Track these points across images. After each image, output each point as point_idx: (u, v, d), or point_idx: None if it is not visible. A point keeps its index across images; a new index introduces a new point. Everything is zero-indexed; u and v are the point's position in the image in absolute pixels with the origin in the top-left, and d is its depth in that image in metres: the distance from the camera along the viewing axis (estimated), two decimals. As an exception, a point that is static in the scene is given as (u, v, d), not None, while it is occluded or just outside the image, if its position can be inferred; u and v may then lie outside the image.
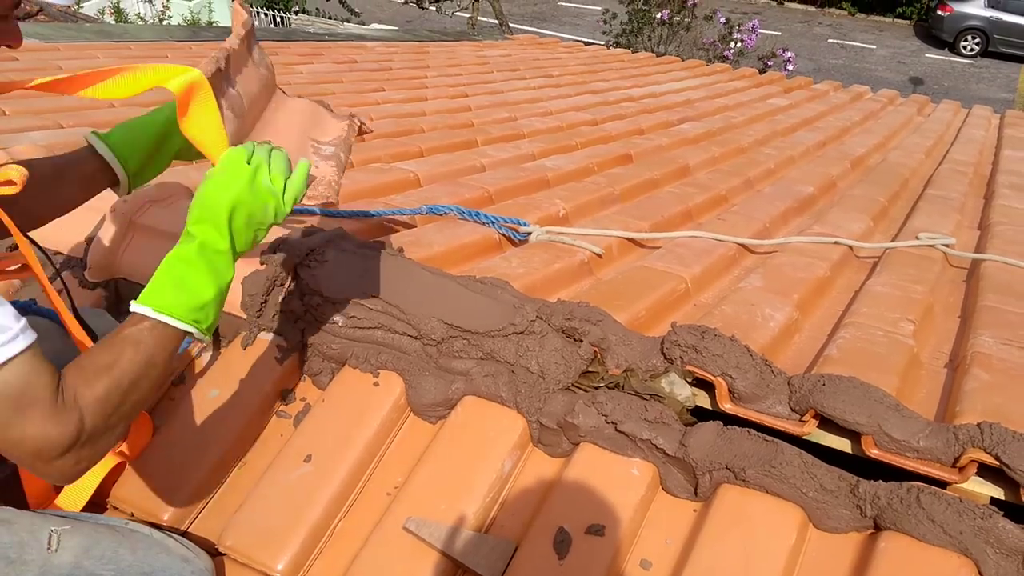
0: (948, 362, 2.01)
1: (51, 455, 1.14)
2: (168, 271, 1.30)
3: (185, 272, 1.29)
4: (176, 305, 1.27)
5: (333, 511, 1.64)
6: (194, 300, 1.29)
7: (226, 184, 1.32)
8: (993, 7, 21.63)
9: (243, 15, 1.63)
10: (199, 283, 1.29)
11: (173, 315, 1.27)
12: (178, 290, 1.28)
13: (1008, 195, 3.76)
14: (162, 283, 1.29)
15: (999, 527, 1.36)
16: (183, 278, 1.29)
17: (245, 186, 1.32)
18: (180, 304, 1.28)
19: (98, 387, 1.20)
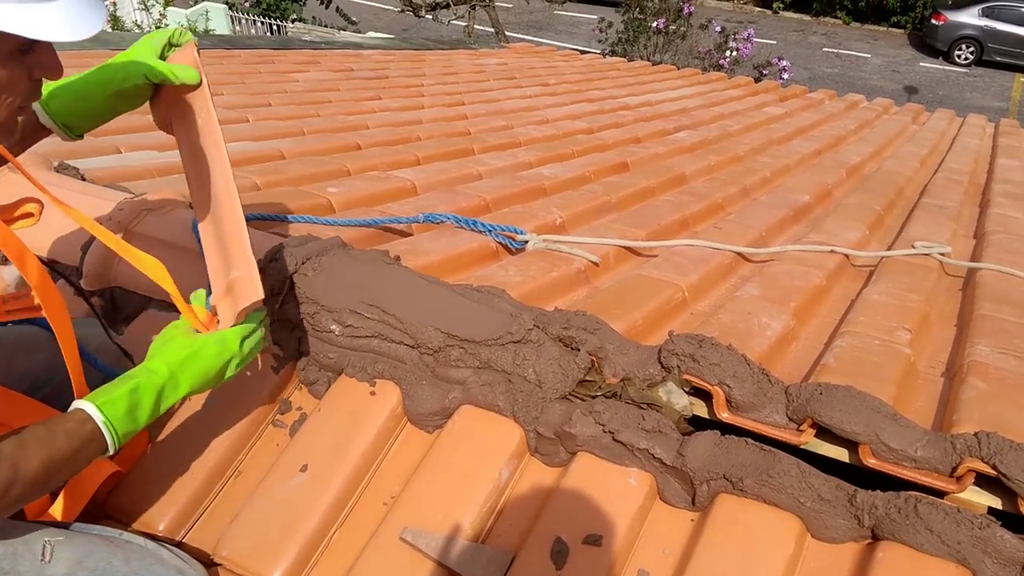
0: (945, 371, 2.01)
1: None
2: (129, 393, 1.36)
3: (142, 401, 1.38)
4: (120, 425, 1.35)
5: (329, 521, 1.64)
6: (133, 428, 1.38)
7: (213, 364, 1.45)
8: (987, 16, 21.73)
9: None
10: (145, 416, 1.39)
11: (113, 432, 1.33)
12: (129, 415, 1.36)
13: (1003, 204, 3.77)
14: (119, 400, 1.35)
15: (997, 537, 1.36)
16: (137, 405, 1.37)
17: (226, 365, 1.48)
18: (123, 427, 1.35)
19: (32, 463, 1.22)
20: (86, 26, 1.18)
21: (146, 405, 1.39)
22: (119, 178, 2.62)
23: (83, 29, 1.18)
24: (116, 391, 1.36)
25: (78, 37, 1.17)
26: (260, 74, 5.53)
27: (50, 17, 1.14)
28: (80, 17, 1.18)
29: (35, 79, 1.28)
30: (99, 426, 1.31)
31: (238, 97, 4.58)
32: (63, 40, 1.16)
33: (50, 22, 1.13)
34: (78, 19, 1.17)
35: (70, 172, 2.48)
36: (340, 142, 3.70)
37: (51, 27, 1.13)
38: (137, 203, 2.16)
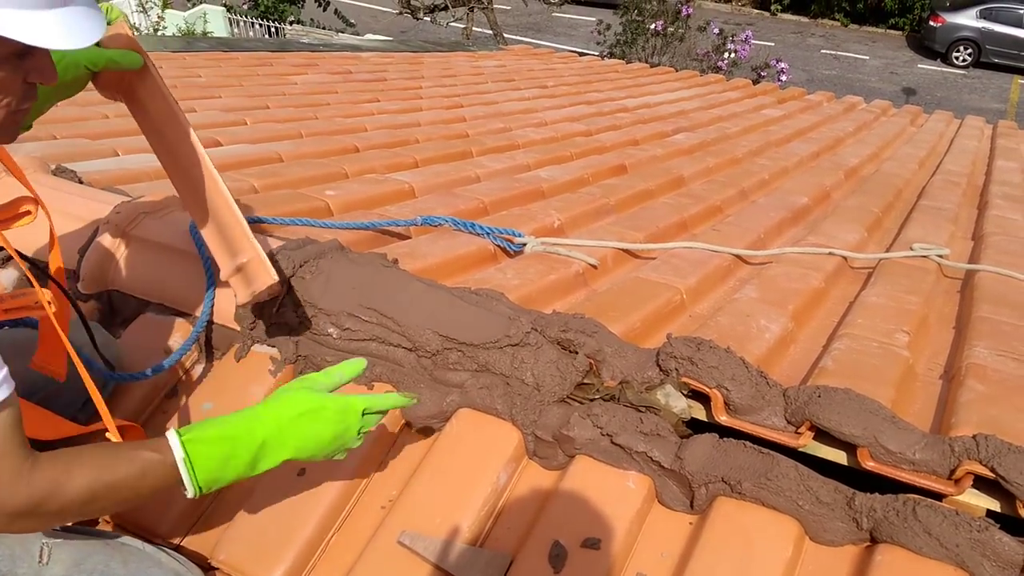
0: (943, 373, 2.01)
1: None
2: (222, 438, 1.32)
3: (236, 451, 1.33)
4: (206, 472, 1.30)
5: (327, 525, 1.63)
6: (219, 477, 1.32)
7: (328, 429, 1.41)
8: (985, 18, 21.76)
9: None
10: (237, 470, 1.34)
11: (192, 475, 1.29)
12: (218, 462, 1.31)
13: (1001, 205, 3.77)
14: (211, 441, 1.31)
15: (995, 540, 1.36)
16: (231, 455, 1.32)
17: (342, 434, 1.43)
18: (209, 474, 1.30)
19: (77, 483, 1.19)
20: (85, 35, 1.18)
21: (241, 456, 1.34)
22: (116, 181, 2.61)
23: (81, 38, 1.17)
24: (210, 430, 1.33)
25: (76, 46, 1.17)
26: (258, 76, 5.53)
27: (49, 24, 1.14)
28: (79, 25, 1.17)
29: (29, 83, 1.27)
30: (177, 463, 1.28)
31: (236, 100, 4.57)
32: (61, 48, 1.15)
33: (49, 29, 1.13)
34: (76, 27, 1.17)
35: (67, 175, 2.48)
36: (338, 145, 3.70)
37: (50, 34, 1.13)
38: (135, 206, 2.15)
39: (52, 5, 1.14)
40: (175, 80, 4.90)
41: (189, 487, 1.29)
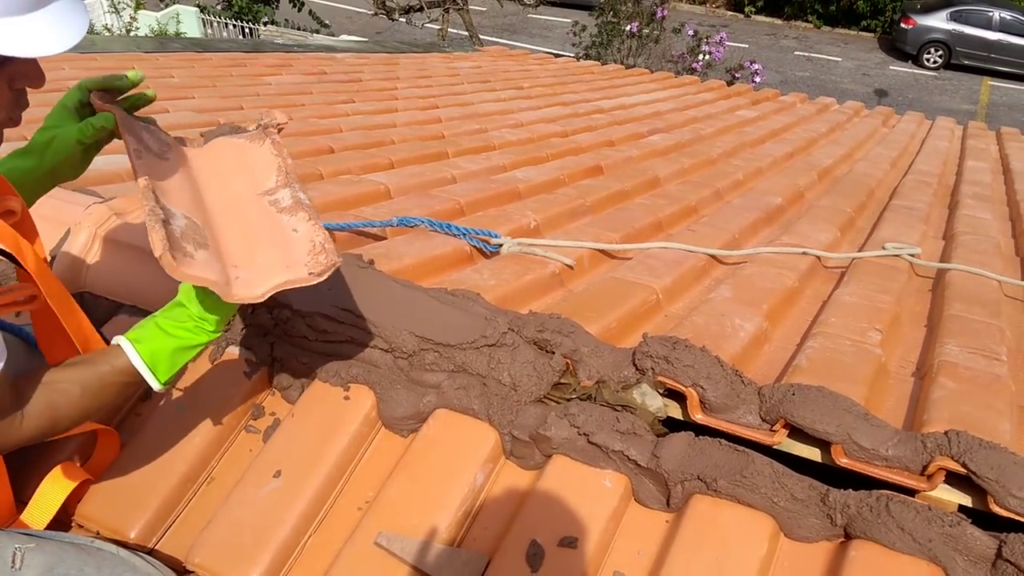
0: (915, 371, 2.03)
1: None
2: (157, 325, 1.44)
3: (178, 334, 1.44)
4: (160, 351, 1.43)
5: (303, 527, 1.63)
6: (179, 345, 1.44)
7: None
8: (955, 20, 22.03)
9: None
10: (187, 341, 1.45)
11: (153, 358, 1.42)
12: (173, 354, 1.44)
13: (972, 205, 3.82)
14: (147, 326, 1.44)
15: (967, 534, 1.38)
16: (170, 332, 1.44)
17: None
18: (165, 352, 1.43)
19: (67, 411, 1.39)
20: (61, 40, 1.16)
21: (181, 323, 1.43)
22: (88, 182, 2.58)
23: (58, 43, 1.15)
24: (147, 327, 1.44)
25: (51, 52, 1.14)
26: (232, 77, 5.49)
27: (25, 31, 1.12)
28: (55, 31, 1.15)
29: (17, 89, 1.26)
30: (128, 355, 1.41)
31: (209, 100, 4.54)
32: (34, 56, 1.13)
33: (24, 36, 1.11)
34: (52, 33, 1.15)
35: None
36: (313, 145, 3.68)
37: (23, 42, 1.11)
38: (106, 207, 2.13)
39: (29, 9, 1.12)
40: (148, 81, 4.86)
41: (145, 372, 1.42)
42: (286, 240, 1.43)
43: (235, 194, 1.55)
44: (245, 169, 1.60)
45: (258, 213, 1.50)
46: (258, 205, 1.52)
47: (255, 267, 1.38)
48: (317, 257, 1.38)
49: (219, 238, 1.43)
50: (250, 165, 1.61)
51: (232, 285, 1.32)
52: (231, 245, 1.43)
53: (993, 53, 21.83)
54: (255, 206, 1.52)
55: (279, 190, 1.55)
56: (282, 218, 1.49)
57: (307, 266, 1.36)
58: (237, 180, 1.58)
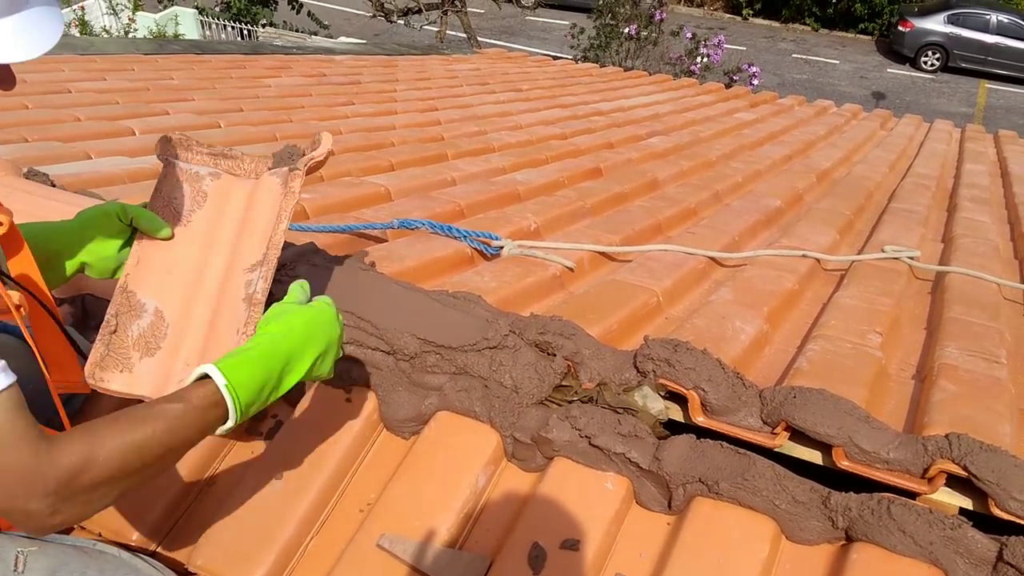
0: (915, 373, 2.04)
1: (29, 493, 1.08)
2: (259, 361, 1.29)
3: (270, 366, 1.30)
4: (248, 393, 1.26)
5: (305, 529, 1.63)
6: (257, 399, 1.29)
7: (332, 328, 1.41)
8: (952, 23, 22.07)
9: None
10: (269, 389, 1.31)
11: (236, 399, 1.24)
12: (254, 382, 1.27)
13: (970, 208, 3.83)
14: (244, 364, 1.27)
15: (968, 537, 1.38)
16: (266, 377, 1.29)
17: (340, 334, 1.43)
18: (250, 395, 1.26)
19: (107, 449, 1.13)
20: (30, 48, 1.14)
21: (273, 372, 1.29)
22: (89, 184, 2.59)
23: (25, 51, 1.13)
24: (240, 356, 1.28)
25: (16, 60, 1.12)
26: (231, 79, 5.50)
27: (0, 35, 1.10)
28: (25, 37, 1.13)
29: None
30: (221, 390, 1.23)
31: (209, 102, 4.55)
32: (9, 62, 1.12)
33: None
34: (20, 40, 1.12)
35: (40, 178, 2.45)
36: (313, 148, 3.68)
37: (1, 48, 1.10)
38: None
39: (3, 13, 1.10)
40: (148, 83, 4.87)
41: (233, 414, 1.24)
42: (227, 346, 1.48)
43: (232, 265, 1.60)
44: (256, 228, 1.64)
45: (231, 296, 1.56)
46: (236, 286, 1.58)
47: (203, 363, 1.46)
48: None
49: (183, 335, 1.52)
50: (261, 223, 1.64)
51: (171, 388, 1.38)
52: (196, 333, 1.52)
53: (990, 56, 21.87)
54: (234, 286, 1.58)
55: (256, 269, 1.58)
56: (240, 309, 1.54)
57: None
58: (244, 244, 1.62)
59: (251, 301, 1.53)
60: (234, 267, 1.59)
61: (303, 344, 1.35)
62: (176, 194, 1.64)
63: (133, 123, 3.65)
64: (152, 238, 1.58)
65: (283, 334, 1.33)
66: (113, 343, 1.46)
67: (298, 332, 1.35)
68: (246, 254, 1.61)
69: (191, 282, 1.57)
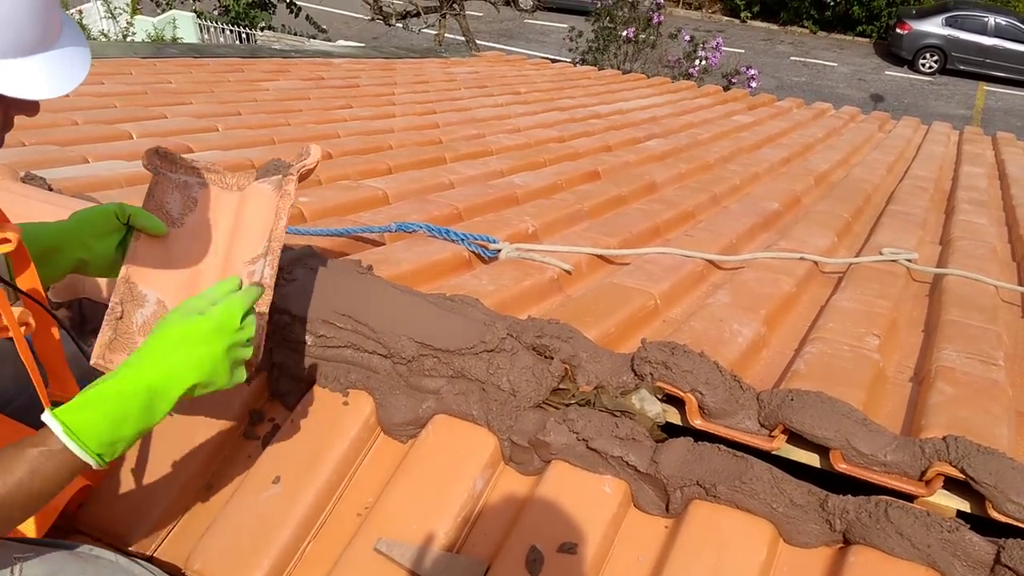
0: (913, 376, 2.04)
1: None
2: (107, 399, 1.21)
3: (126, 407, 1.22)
4: (97, 437, 1.19)
5: (302, 533, 1.63)
6: (118, 438, 1.21)
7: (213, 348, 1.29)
8: (950, 26, 22.12)
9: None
10: (134, 424, 1.23)
11: (84, 445, 1.17)
12: (113, 424, 1.20)
13: (968, 210, 3.83)
14: (93, 405, 1.20)
15: (966, 540, 1.38)
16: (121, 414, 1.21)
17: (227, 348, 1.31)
18: (101, 438, 1.19)
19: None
20: (65, 81, 1.18)
21: (132, 408, 1.21)
22: (86, 188, 2.59)
23: (61, 85, 1.17)
24: (86, 395, 1.21)
25: (56, 94, 1.16)
26: (229, 83, 5.50)
27: (22, 72, 1.13)
28: (61, 71, 1.17)
29: (9, 116, 1.27)
30: (60, 438, 1.16)
31: (207, 106, 4.55)
32: (26, 98, 1.15)
33: (21, 78, 1.13)
34: (59, 73, 1.17)
35: (37, 182, 2.45)
36: (311, 151, 3.68)
37: (18, 84, 1.12)
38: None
39: (34, 51, 1.14)
40: (146, 86, 4.87)
41: (86, 457, 1.18)
42: None
43: (230, 260, 1.63)
44: (250, 228, 1.67)
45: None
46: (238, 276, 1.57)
47: None
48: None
49: None
50: (256, 223, 1.67)
51: None
52: None
53: (988, 58, 21.92)
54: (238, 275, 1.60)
55: (259, 260, 1.61)
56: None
57: None
58: (242, 242, 1.65)
59: (260, 286, 1.52)
60: (232, 262, 1.63)
61: (170, 368, 1.25)
62: (168, 199, 1.69)
63: (131, 127, 3.65)
64: (149, 236, 1.61)
65: (138, 364, 1.25)
66: (120, 328, 1.49)
67: (160, 358, 1.26)
68: (244, 250, 1.64)
69: (189, 276, 1.61)
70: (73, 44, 1.21)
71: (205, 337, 1.28)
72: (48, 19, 1.16)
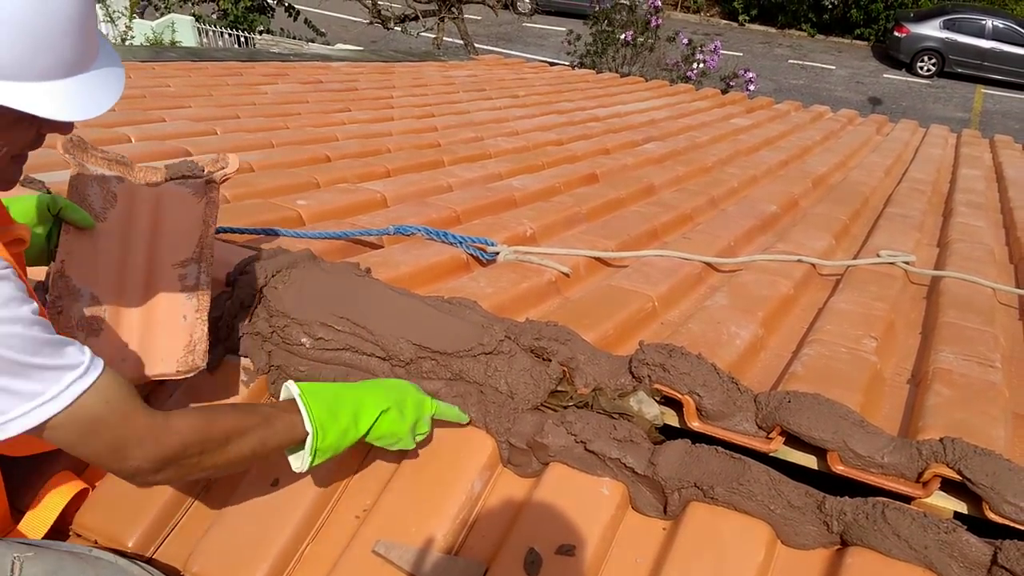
0: (910, 378, 2.04)
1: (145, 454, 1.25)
2: (333, 394, 1.52)
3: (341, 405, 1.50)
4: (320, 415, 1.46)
5: (301, 535, 1.63)
6: (328, 428, 1.47)
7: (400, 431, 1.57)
8: (948, 29, 22.14)
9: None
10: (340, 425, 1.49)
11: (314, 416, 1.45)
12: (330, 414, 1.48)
13: (966, 213, 3.83)
14: (322, 392, 1.50)
15: (963, 541, 1.38)
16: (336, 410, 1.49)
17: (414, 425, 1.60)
18: (322, 419, 1.46)
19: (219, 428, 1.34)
20: (101, 102, 1.20)
21: (344, 411, 1.49)
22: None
23: (97, 106, 1.19)
24: (318, 386, 1.51)
25: (92, 115, 1.18)
26: (228, 86, 5.50)
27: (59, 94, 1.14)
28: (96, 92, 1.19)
29: (42, 134, 1.28)
30: (296, 400, 1.45)
31: (205, 109, 4.55)
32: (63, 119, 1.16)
33: (58, 99, 1.14)
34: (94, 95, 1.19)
35: (35, 185, 2.45)
36: (309, 154, 3.69)
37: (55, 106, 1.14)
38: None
39: (70, 73, 1.15)
40: (144, 90, 4.87)
41: (308, 425, 1.43)
42: (173, 327, 1.64)
43: (157, 260, 1.72)
44: (173, 230, 1.78)
45: (166, 285, 1.69)
46: (169, 276, 1.70)
47: (141, 352, 1.59)
48: (187, 357, 1.60)
49: (122, 314, 1.66)
50: (179, 226, 1.79)
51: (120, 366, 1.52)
52: (129, 323, 1.64)
53: (986, 61, 21.94)
54: (166, 276, 1.70)
55: (190, 264, 1.72)
56: (180, 297, 1.67)
57: (177, 363, 1.59)
58: (163, 243, 1.75)
59: (197, 289, 1.66)
60: (158, 262, 1.71)
61: (372, 389, 1.57)
62: (89, 192, 1.74)
63: (129, 130, 3.66)
64: (78, 229, 1.68)
65: (356, 384, 1.59)
66: (60, 323, 1.54)
67: (370, 383, 1.59)
68: (168, 253, 1.73)
69: (117, 271, 1.68)
70: (108, 65, 1.23)
71: (402, 385, 1.62)
72: (86, 43, 1.17)
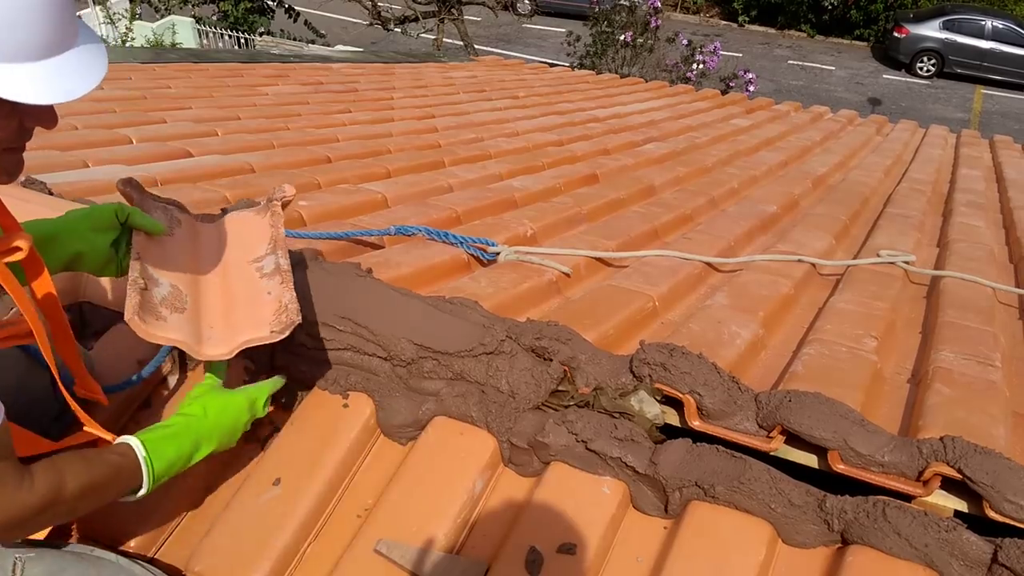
0: (911, 377, 2.04)
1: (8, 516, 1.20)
2: (171, 436, 1.46)
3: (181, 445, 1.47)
4: (161, 468, 1.42)
5: (303, 535, 1.63)
6: (167, 471, 1.45)
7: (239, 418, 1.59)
8: (947, 29, 22.13)
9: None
10: (180, 461, 1.47)
11: (151, 470, 1.40)
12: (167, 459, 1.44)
13: (965, 213, 3.84)
14: (162, 440, 1.44)
15: (963, 539, 1.39)
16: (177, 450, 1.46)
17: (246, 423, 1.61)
18: (162, 471, 1.43)
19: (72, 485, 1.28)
20: (79, 85, 1.16)
21: (184, 453, 1.46)
22: (86, 192, 2.59)
23: (75, 88, 1.15)
24: (159, 431, 1.45)
25: (68, 98, 1.14)
26: (228, 88, 5.51)
27: (43, 76, 1.11)
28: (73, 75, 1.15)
29: (26, 128, 1.26)
30: (140, 461, 1.39)
31: (206, 111, 4.55)
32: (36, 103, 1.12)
33: (32, 83, 1.10)
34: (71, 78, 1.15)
35: (37, 186, 2.46)
36: (310, 155, 3.69)
37: (28, 89, 1.10)
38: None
39: (46, 55, 1.12)
40: (145, 91, 4.88)
41: (145, 481, 1.40)
42: (259, 302, 1.64)
43: (229, 261, 1.76)
44: (244, 239, 1.82)
45: (244, 278, 1.72)
46: (246, 271, 1.73)
47: (228, 327, 1.59)
48: (280, 316, 1.59)
49: (203, 301, 1.64)
50: (249, 235, 1.83)
51: (203, 344, 1.53)
52: (212, 307, 1.64)
53: (986, 62, 21.93)
54: (243, 272, 1.73)
55: (266, 257, 1.74)
56: (262, 282, 1.69)
57: (270, 325, 1.58)
58: (235, 249, 1.79)
59: (278, 271, 1.67)
60: (232, 262, 1.75)
61: (213, 429, 1.52)
62: (155, 215, 1.75)
63: (130, 132, 3.66)
64: (148, 236, 1.67)
65: (198, 418, 1.51)
66: (145, 297, 1.53)
67: (211, 417, 1.53)
68: (241, 253, 1.76)
69: (192, 271, 1.70)
70: (89, 42, 1.20)
71: (239, 409, 1.58)
72: (61, 21, 1.13)
